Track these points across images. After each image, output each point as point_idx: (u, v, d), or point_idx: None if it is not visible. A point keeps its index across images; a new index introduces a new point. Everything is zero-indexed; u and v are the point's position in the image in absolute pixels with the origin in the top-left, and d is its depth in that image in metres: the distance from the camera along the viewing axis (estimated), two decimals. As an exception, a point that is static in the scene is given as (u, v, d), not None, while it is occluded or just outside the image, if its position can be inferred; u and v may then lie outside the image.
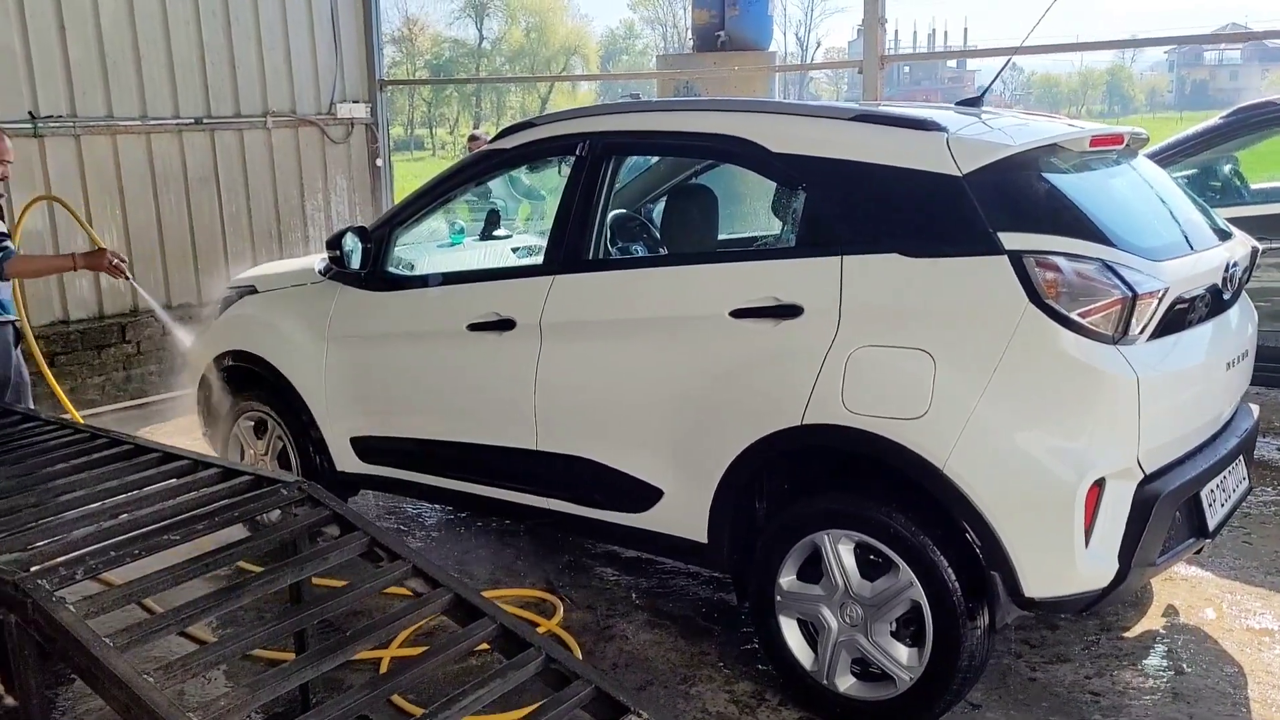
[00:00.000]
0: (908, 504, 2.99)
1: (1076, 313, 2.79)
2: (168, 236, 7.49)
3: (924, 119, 3.17)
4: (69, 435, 3.54)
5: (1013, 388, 2.81)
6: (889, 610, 3.04)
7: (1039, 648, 3.64)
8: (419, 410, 4.17)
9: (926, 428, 2.88)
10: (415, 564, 2.75)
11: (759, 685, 3.45)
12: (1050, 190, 3.08)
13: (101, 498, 3.00)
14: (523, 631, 2.58)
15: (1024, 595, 2.85)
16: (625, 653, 3.71)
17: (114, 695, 2.13)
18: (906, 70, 66.28)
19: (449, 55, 53.61)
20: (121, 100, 7.10)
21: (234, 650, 2.40)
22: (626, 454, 3.56)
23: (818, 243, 3.18)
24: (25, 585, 2.31)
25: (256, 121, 7.94)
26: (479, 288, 3.97)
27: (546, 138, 3.94)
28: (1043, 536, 2.81)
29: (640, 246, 4.20)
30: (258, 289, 4.76)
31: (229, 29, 7.68)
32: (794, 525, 3.20)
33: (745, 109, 3.60)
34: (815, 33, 59.04)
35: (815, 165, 3.22)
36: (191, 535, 2.76)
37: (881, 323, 3.01)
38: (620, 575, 4.35)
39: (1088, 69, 65.51)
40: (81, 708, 3.36)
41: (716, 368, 3.30)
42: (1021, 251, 2.84)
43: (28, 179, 6.68)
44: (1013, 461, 2.82)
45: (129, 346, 7.27)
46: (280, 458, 4.63)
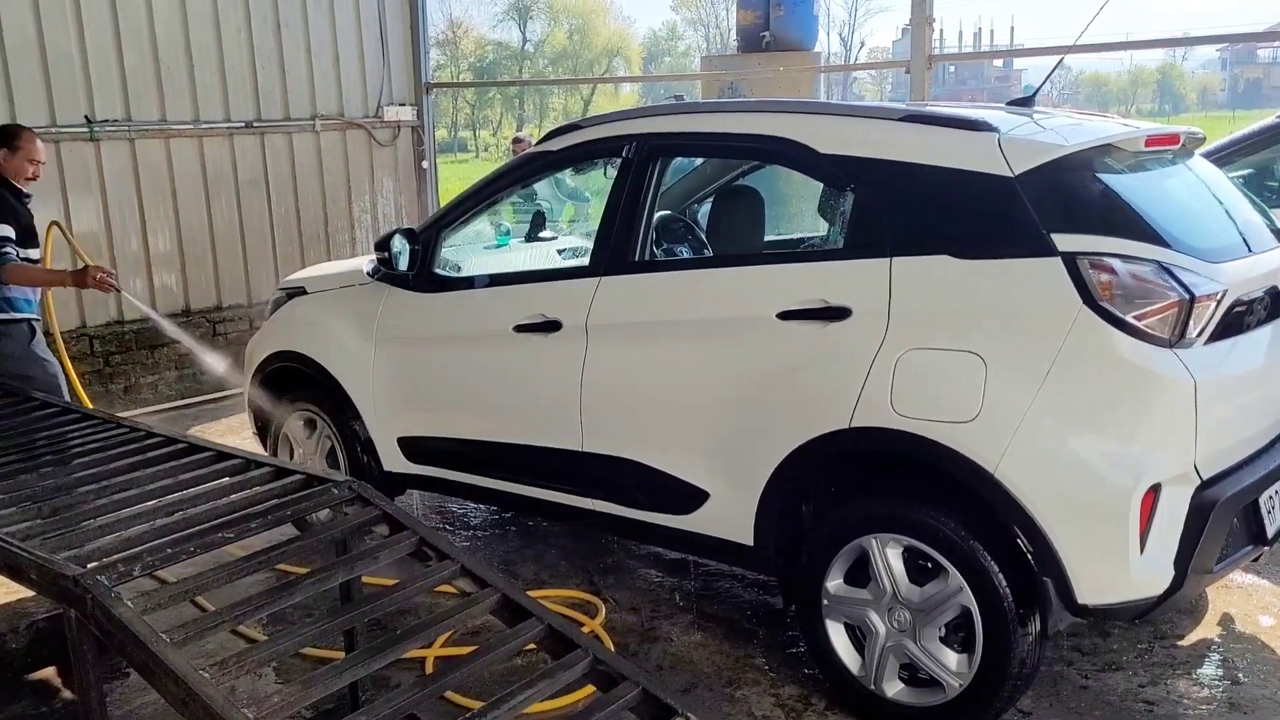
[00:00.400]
0: (957, 508, 2.95)
1: (1132, 315, 2.75)
2: (219, 238, 7.60)
3: (975, 119, 3.14)
4: (125, 434, 3.61)
5: (1066, 391, 2.77)
6: (938, 616, 3.01)
7: (1091, 655, 3.59)
8: (465, 411, 4.20)
9: (977, 431, 2.85)
10: (464, 564, 2.77)
11: (805, 689, 3.43)
12: (1105, 191, 3.04)
13: (157, 496, 3.05)
14: (570, 632, 2.59)
15: (1077, 602, 2.81)
16: (670, 654, 3.71)
17: (170, 690, 2.16)
18: (952, 70, 65.66)
19: (492, 58, 53.92)
20: (174, 105, 7.23)
21: (287, 648, 2.43)
22: (672, 455, 3.55)
23: (866, 244, 3.16)
24: (85, 581, 2.35)
25: (305, 125, 8.04)
26: (525, 289, 3.99)
27: (593, 139, 3.95)
28: (1097, 542, 2.76)
29: (686, 248, 4.19)
30: (307, 290, 4.82)
31: (279, 34, 7.78)
32: (841, 529, 3.18)
33: (792, 110, 3.58)
34: (859, 32, 58.66)
35: (864, 166, 3.20)
36: (245, 533, 2.79)
37: (931, 325, 2.98)
38: (664, 577, 4.35)
39: (1137, 67, 64.49)
40: (136, 700, 3.42)
41: (763, 370, 3.29)
42: (1075, 253, 2.80)
43: (84, 182, 6.83)
44: (1066, 466, 2.78)
45: (180, 346, 7.39)
46: (329, 457, 4.68)
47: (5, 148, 4.67)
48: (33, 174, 4.77)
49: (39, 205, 6.33)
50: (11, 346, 4.67)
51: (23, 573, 2.54)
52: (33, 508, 2.96)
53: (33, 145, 4.73)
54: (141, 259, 7.19)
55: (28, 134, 4.77)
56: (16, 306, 4.66)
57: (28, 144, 4.70)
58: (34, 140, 4.75)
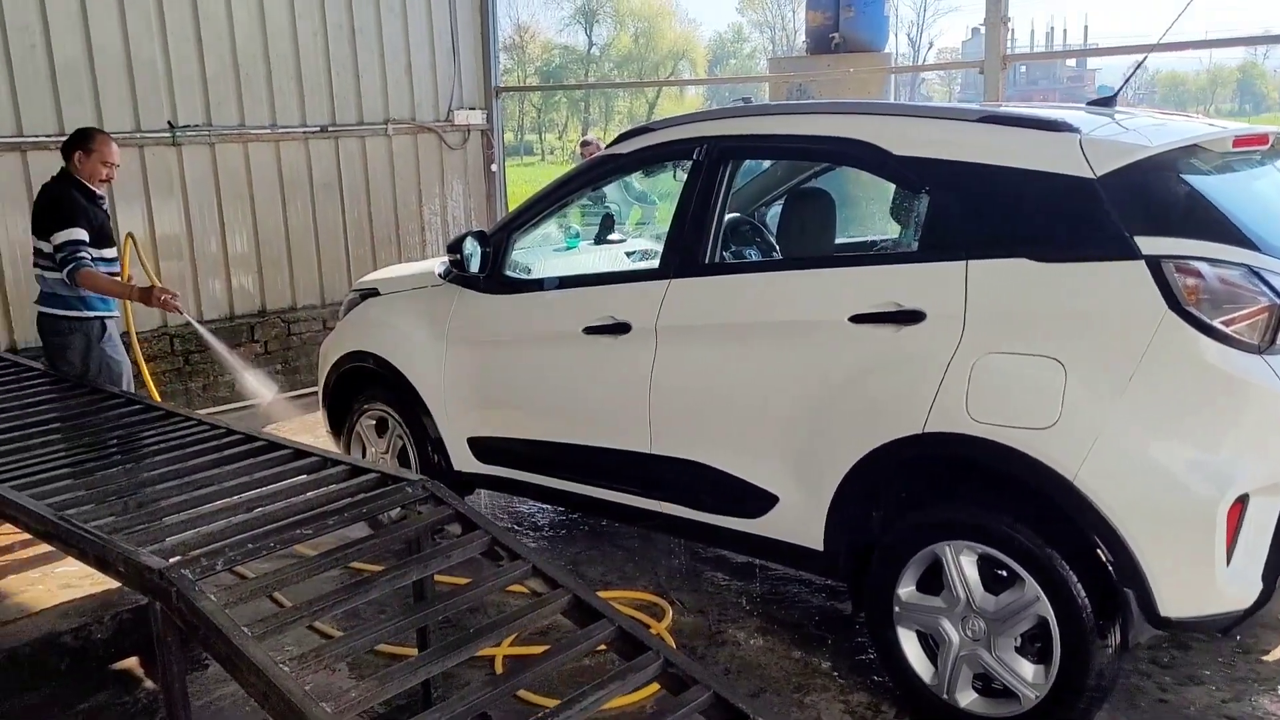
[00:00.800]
0: (1034, 516, 2.90)
1: (1219, 320, 2.68)
2: (294, 240, 7.75)
3: (1055, 120, 3.08)
4: (206, 431, 3.69)
5: (1150, 398, 2.71)
6: (1013, 625, 2.96)
7: (1170, 668, 3.50)
8: (534, 412, 4.23)
9: (1056, 438, 2.79)
10: (536, 564, 2.79)
11: (875, 697, 3.40)
12: (1190, 193, 2.96)
13: (236, 492, 3.12)
14: (641, 634, 2.59)
15: (1159, 614, 2.74)
16: (737, 658, 3.70)
17: (251, 683, 2.21)
18: (1023, 70, 64.47)
19: (559, 61, 54.24)
20: (253, 110, 7.38)
21: (363, 644, 2.47)
22: (741, 459, 3.54)
23: (941, 247, 3.11)
24: (170, 574, 2.41)
25: (378, 129, 8.16)
26: (595, 291, 4.00)
27: (664, 142, 3.95)
28: (1181, 554, 2.70)
29: (756, 250, 4.18)
30: (380, 291, 4.89)
31: (354, 40, 7.92)
32: (914, 535, 3.14)
33: (865, 111, 3.55)
34: (928, 33, 57.89)
35: (939, 168, 3.16)
36: (321, 531, 2.84)
37: (1009, 329, 2.93)
38: (731, 580, 4.34)
39: (1216, 66, 62.73)
40: (215, 692, 3.50)
41: (835, 373, 3.26)
42: (1160, 256, 2.73)
43: (166, 186, 7.01)
44: (1149, 475, 2.71)
45: (257, 346, 7.55)
46: (400, 456, 4.74)
47: (80, 150, 4.74)
48: (106, 176, 4.83)
49: (124, 209, 6.57)
50: (78, 341, 4.77)
51: (111, 565, 2.61)
52: (118, 502, 3.05)
53: (107, 148, 4.79)
54: (220, 260, 7.36)
55: (103, 137, 4.83)
56: (90, 304, 4.78)
57: (102, 146, 4.77)
58: (109, 143, 4.82)
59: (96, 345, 4.81)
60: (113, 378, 4.82)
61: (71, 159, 4.75)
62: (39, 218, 4.73)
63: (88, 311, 4.79)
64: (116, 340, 4.96)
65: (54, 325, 4.78)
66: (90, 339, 4.79)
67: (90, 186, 4.78)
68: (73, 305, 4.75)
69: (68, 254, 4.59)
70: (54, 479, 3.27)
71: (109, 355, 4.86)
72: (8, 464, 3.39)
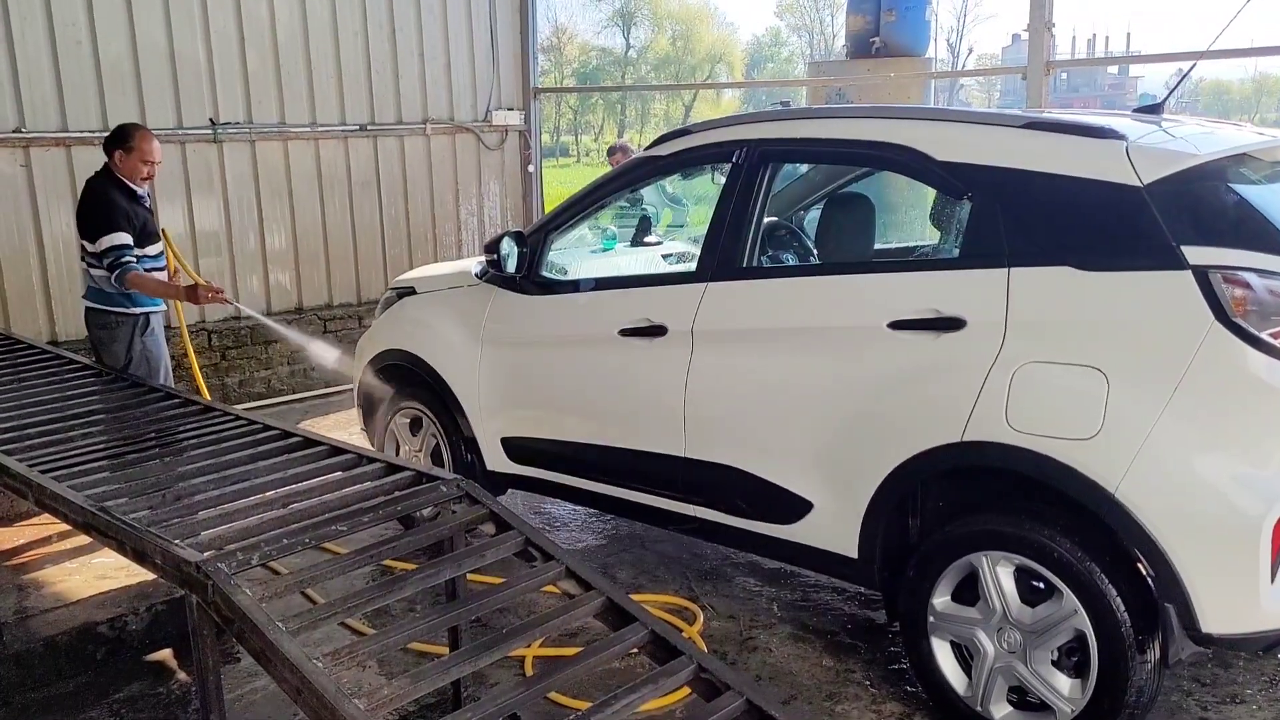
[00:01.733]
0: (1074, 528, 2.86)
1: (1268, 333, 2.62)
2: (331, 238, 7.81)
3: (1101, 126, 3.04)
4: (242, 426, 3.72)
5: (1194, 410, 2.66)
6: (1050, 638, 2.92)
7: (1210, 686, 3.44)
8: (568, 413, 4.23)
9: (1098, 449, 2.75)
10: (569, 565, 2.78)
11: (907, 707, 3.36)
12: (1239, 202, 2.91)
13: (273, 488, 3.14)
14: (674, 639, 2.58)
15: (1201, 631, 2.69)
16: (768, 665, 3.67)
17: (285, 677, 2.22)
18: (1064, 77, 63.83)
19: (596, 64, 54.35)
20: (293, 108, 7.45)
21: (397, 641, 2.48)
22: (776, 464, 3.52)
23: (983, 254, 3.08)
24: (206, 568, 2.43)
25: (416, 128, 8.21)
26: (631, 293, 4.00)
27: (703, 145, 3.94)
28: (1224, 569, 2.65)
29: (794, 255, 4.16)
30: (417, 290, 4.91)
31: (394, 40, 7.97)
32: (950, 544, 3.10)
33: (907, 116, 3.51)
34: (967, 39, 57.40)
35: (982, 174, 3.13)
36: (356, 527, 2.85)
37: (1051, 338, 2.89)
38: (762, 586, 4.31)
39: (1263, 74, 61.80)
40: (246, 686, 3.52)
41: (872, 380, 3.23)
42: (1207, 267, 2.68)
43: (207, 182, 7.09)
44: (1192, 489, 2.66)
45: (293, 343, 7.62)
46: (433, 454, 4.76)
47: (120, 149, 4.69)
48: (148, 174, 4.80)
49: (165, 205, 6.65)
50: (123, 334, 4.81)
51: (148, 557, 2.64)
52: (156, 495, 3.08)
53: (148, 145, 4.72)
54: (259, 257, 7.43)
55: (143, 134, 4.75)
56: (137, 301, 4.82)
57: (143, 144, 4.70)
58: (150, 140, 4.74)
59: (139, 338, 4.85)
60: (150, 369, 4.88)
61: (112, 157, 4.74)
62: (83, 219, 4.75)
63: (134, 308, 4.84)
64: (159, 333, 5.01)
65: (101, 320, 4.83)
66: (134, 332, 4.84)
67: (131, 185, 4.78)
68: (119, 302, 4.80)
69: (114, 259, 4.62)
70: (94, 470, 3.31)
71: (149, 348, 4.91)
72: (49, 455, 3.44)
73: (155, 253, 4.92)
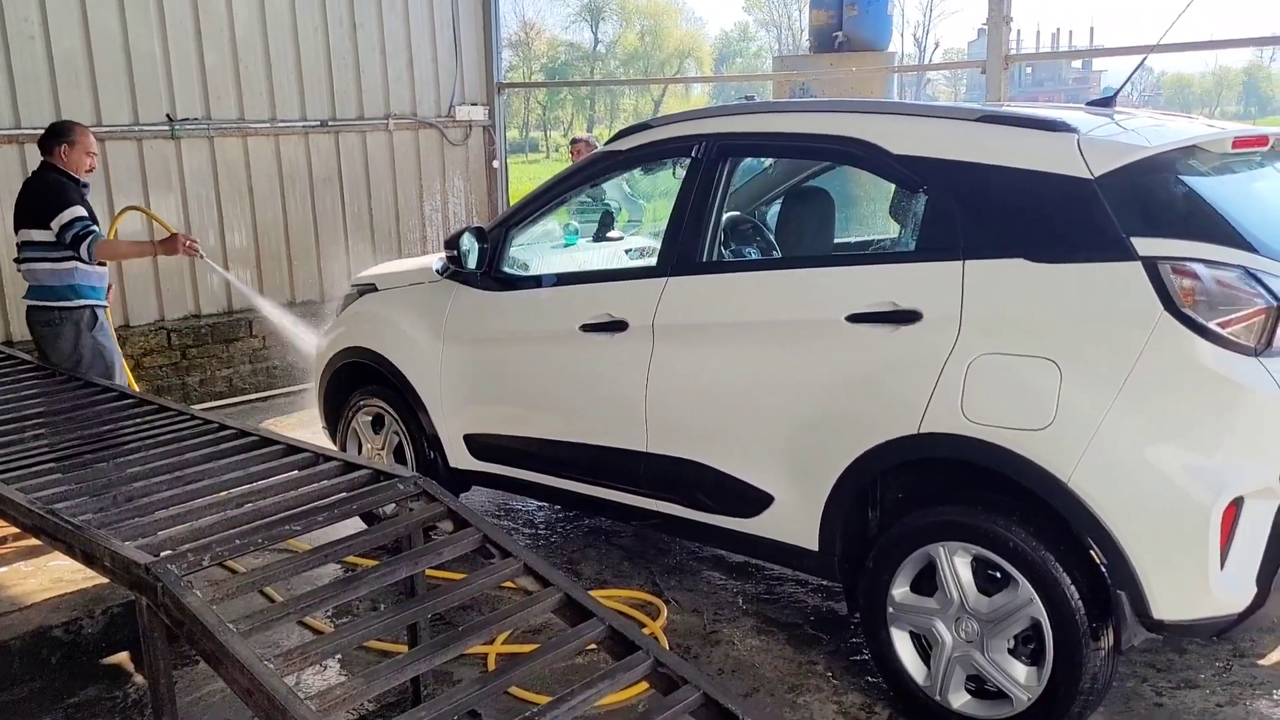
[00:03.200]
0: (1029, 518, 2.88)
1: (1215, 322, 2.65)
2: (293, 235, 7.75)
3: (1053, 120, 3.06)
4: (198, 426, 3.68)
5: (1145, 400, 2.69)
6: (1007, 627, 2.94)
7: (1166, 671, 3.48)
8: (530, 409, 4.21)
9: (1051, 440, 2.78)
10: (526, 562, 2.77)
11: (868, 698, 3.38)
12: (1188, 194, 2.94)
13: (227, 487, 3.11)
14: (632, 634, 2.58)
15: (1153, 617, 2.72)
16: (731, 658, 3.68)
17: (236, 679, 2.20)
18: (1029, 71, 64.33)
19: (564, 59, 54.22)
20: (252, 104, 7.38)
21: (351, 641, 2.46)
22: (737, 458, 3.53)
23: (939, 247, 3.10)
24: (156, 570, 2.40)
25: (379, 124, 8.16)
26: (592, 289, 3.99)
27: (663, 139, 3.93)
28: (1174, 556, 2.68)
29: (754, 249, 4.16)
30: (378, 287, 4.88)
31: (354, 35, 7.91)
32: (908, 536, 3.12)
33: (864, 110, 3.52)
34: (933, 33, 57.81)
35: (937, 167, 3.14)
36: (312, 526, 2.83)
37: (1005, 330, 2.91)
38: (727, 580, 4.32)
39: (1222, 68, 62.63)
40: (206, 687, 3.49)
41: (831, 373, 3.25)
42: (1157, 258, 2.71)
43: (165, 179, 7.01)
44: (1143, 477, 2.69)
45: (255, 341, 7.55)
46: (396, 453, 4.73)
47: (64, 143, 4.81)
48: (90, 166, 4.94)
49: (122, 202, 6.58)
50: (69, 331, 4.81)
51: (97, 559, 2.60)
52: (107, 496, 3.04)
53: (88, 138, 4.90)
54: (219, 255, 7.35)
55: (81, 128, 4.93)
56: (80, 293, 4.81)
57: (83, 138, 4.87)
58: (88, 133, 4.92)
59: (87, 333, 4.83)
60: (105, 366, 4.86)
61: (55, 153, 4.80)
62: (33, 206, 4.76)
63: (77, 300, 4.81)
64: (108, 329, 4.99)
65: (45, 316, 4.82)
66: (80, 327, 4.82)
67: (77, 177, 4.83)
68: (62, 295, 4.78)
69: (79, 230, 4.64)
70: (44, 472, 3.26)
71: (100, 343, 4.89)
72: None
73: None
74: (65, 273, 4.78)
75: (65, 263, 4.77)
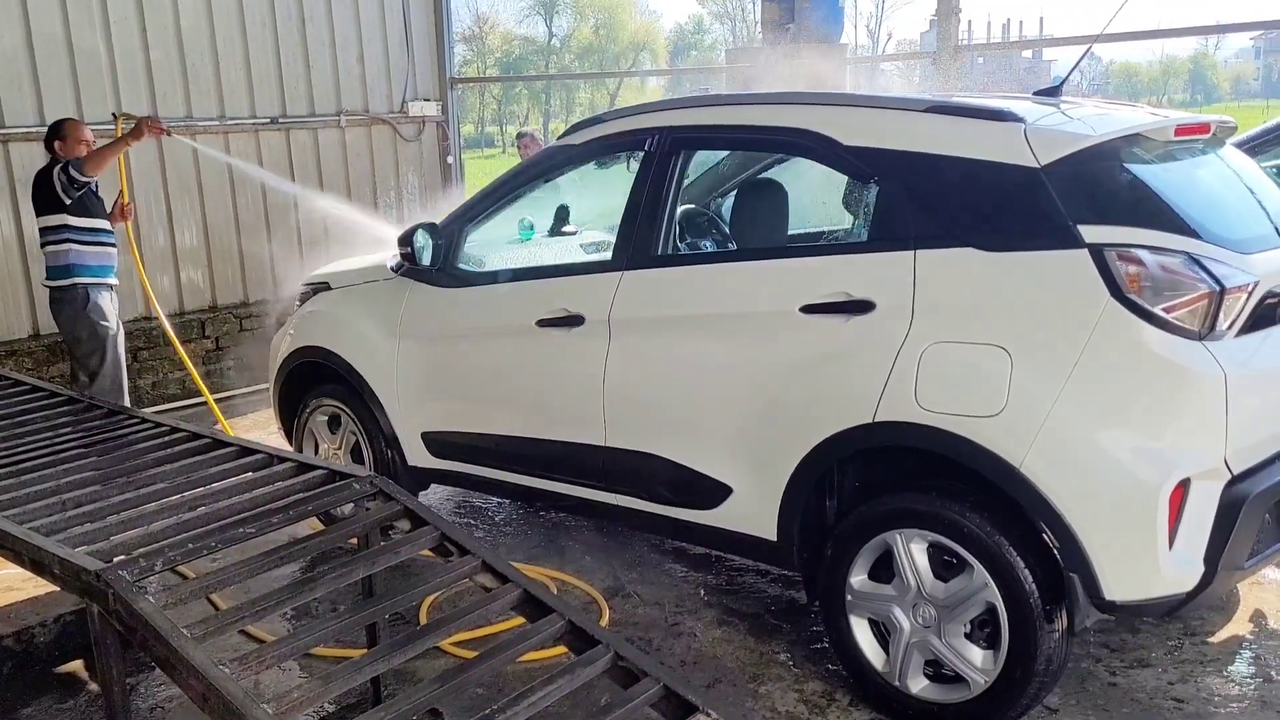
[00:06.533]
0: (982, 503, 2.92)
1: (1160, 307, 2.70)
2: (245, 233, 7.65)
3: (1000, 109, 3.09)
4: (150, 429, 3.62)
5: (1093, 385, 2.73)
6: (963, 612, 2.98)
7: (1119, 651, 3.54)
8: (488, 405, 4.20)
9: (1002, 426, 2.81)
10: (485, 559, 2.76)
11: (829, 685, 3.41)
12: (1133, 181, 2.99)
13: (181, 491, 3.07)
14: (591, 628, 2.58)
15: (1104, 598, 2.77)
16: (693, 650, 3.69)
17: (191, 685, 2.17)
18: (980, 61, 64.94)
19: (519, 53, 53.96)
20: (200, 101, 7.27)
21: (306, 644, 2.43)
22: (695, 450, 3.54)
23: (890, 237, 3.12)
24: (107, 576, 2.36)
25: (330, 120, 8.07)
26: (548, 284, 3.97)
27: (615, 133, 3.93)
28: (1124, 538, 2.72)
29: (709, 242, 4.17)
30: (331, 285, 4.83)
31: (304, 30, 7.81)
32: (865, 524, 3.15)
33: (814, 101, 3.54)
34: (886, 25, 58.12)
35: (887, 158, 3.17)
36: (266, 529, 2.80)
37: (956, 318, 2.94)
38: (689, 572, 4.33)
39: (1169, 57, 63.56)
40: (161, 695, 3.44)
41: (786, 364, 3.26)
42: (1102, 245, 2.75)
43: (111, 177, 6.85)
44: (1093, 461, 2.74)
45: (208, 342, 7.45)
46: (353, 452, 4.69)
47: (57, 139, 5.36)
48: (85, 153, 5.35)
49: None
50: (69, 309, 5.35)
51: (46, 567, 2.55)
52: (57, 503, 2.98)
53: (80, 130, 5.43)
54: (169, 255, 7.25)
55: (72, 123, 5.49)
56: (73, 273, 5.32)
57: (74, 131, 5.40)
58: (80, 126, 5.47)
59: (83, 312, 5.34)
60: (98, 342, 5.36)
61: (52, 148, 5.39)
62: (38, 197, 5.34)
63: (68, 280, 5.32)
64: (103, 307, 5.40)
65: (54, 295, 5.41)
66: (75, 306, 5.33)
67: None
68: (58, 275, 5.34)
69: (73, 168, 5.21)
70: (-9, 480, 3.19)
71: (96, 321, 5.36)
72: (-57, 465, 3.31)
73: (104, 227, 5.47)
74: (63, 254, 5.32)
75: (62, 245, 5.32)
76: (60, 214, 5.31)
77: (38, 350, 6.60)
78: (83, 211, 5.36)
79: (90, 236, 5.38)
